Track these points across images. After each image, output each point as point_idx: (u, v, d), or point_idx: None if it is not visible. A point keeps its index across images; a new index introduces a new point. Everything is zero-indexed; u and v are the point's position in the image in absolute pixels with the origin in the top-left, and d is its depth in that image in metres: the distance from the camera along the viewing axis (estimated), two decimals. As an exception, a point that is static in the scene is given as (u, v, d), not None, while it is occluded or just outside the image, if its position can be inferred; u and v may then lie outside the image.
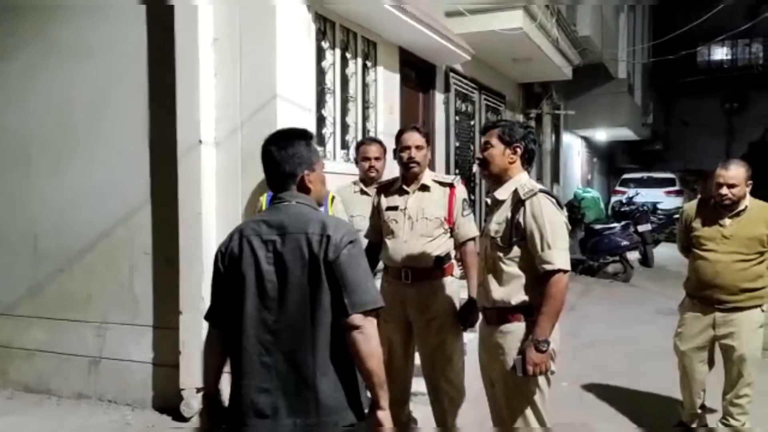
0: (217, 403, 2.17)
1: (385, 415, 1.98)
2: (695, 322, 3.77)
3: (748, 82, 23.34)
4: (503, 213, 2.70)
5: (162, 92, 4.47)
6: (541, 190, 2.64)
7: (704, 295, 3.70)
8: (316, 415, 1.94)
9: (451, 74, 7.47)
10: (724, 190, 3.54)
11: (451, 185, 3.48)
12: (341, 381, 1.99)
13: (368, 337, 1.94)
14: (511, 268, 2.66)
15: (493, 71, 8.88)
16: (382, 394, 1.97)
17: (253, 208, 4.11)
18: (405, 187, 3.47)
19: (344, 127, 5.23)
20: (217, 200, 4.39)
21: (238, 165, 4.33)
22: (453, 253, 3.52)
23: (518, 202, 2.64)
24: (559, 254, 2.55)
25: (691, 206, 3.93)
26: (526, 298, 2.64)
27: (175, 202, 4.37)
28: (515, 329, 2.67)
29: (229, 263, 2.08)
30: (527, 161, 2.81)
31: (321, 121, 4.93)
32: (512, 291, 2.66)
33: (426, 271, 3.38)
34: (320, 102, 4.90)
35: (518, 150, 2.76)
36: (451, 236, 3.48)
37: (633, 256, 10.02)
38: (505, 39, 7.13)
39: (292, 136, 2.14)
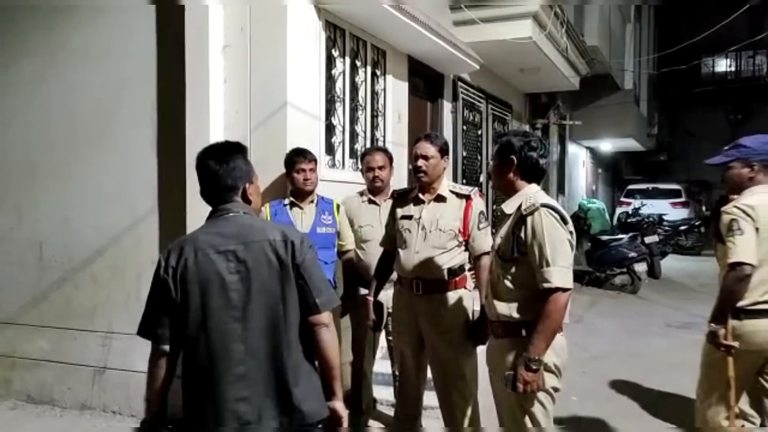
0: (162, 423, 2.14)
1: (341, 405, 2.14)
2: None
3: (752, 94, 23.36)
4: (507, 227, 2.64)
5: (171, 99, 4.42)
6: (543, 205, 2.53)
7: None
8: (298, 412, 2.03)
9: (459, 83, 7.43)
10: None
11: (468, 197, 3.39)
12: (313, 375, 2.11)
13: (333, 333, 2.11)
14: (513, 283, 2.59)
15: (500, 81, 8.85)
16: (338, 385, 2.14)
17: None
18: (421, 196, 3.40)
19: (353, 136, 5.18)
20: (225, 209, 4.33)
21: (246, 173, 4.28)
22: (467, 266, 3.45)
23: (521, 217, 2.56)
24: (558, 272, 2.44)
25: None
26: (528, 314, 2.55)
27: (183, 210, 4.30)
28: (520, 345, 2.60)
29: (182, 278, 2.05)
30: (527, 171, 2.66)
31: (330, 129, 4.88)
32: (514, 306, 2.58)
33: (437, 282, 3.31)
34: (329, 110, 4.86)
35: (513, 162, 2.64)
36: (466, 249, 3.40)
37: (641, 267, 9.93)
38: (513, 48, 7.09)
39: (231, 150, 2.19)
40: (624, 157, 21.08)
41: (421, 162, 3.32)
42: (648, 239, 10.56)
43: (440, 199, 3.38)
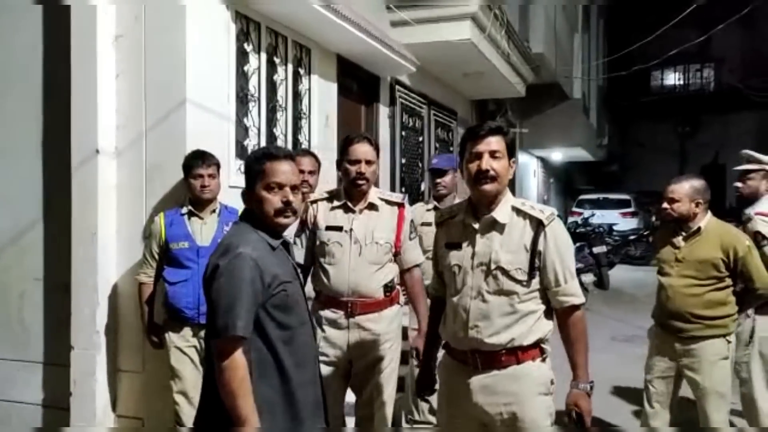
0: None
1: None
2: (658, 351, 3.49)
3: (700, 107, 23.75)
4: (516, 240, 2.28)
5: (58, 96, 3.97)
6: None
7: (664, 322, 3.45)
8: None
9: (398, 87, 7.07)
10: (664, 204, 3.38)
11: (400, 204, 3.06)
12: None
13: (222, 369, 1.84)
14: (527, 304, 2.27)
15: (443, 86, 8.54)
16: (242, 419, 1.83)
17: (149, 230, 3.62)
18: (350, 204, 3.00)
19: (271, 139, 4.75)
20: (117, 218, 3.88)
21: (142, 178, 3.84)
22: (396, 279, 3.11)
23: (539, 226, 2.27)
24: (578, 285, 2.35)
25: (660, 230, 3.77)
26: (541, 335, 2.30)
27: (69, 220, 3.84)
28: (530, 371, 2.28)
29: None
30: None
31: (244, 131, 4.45)
32: (526, 329, 2.27)
33: (374, 302, 2.96)
34: (242, 110, 4.43)
35: (515, 162, 2.43)
36: (395, 261, 3.06)
37: (587, 278, 9.75)
38: (453, 51, 6.79)
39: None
40: (577, 168, 21.11)
41: (365, 168, 2.93)
42: (596, 249, 10.39)
43: (372, 207, 3.01)
